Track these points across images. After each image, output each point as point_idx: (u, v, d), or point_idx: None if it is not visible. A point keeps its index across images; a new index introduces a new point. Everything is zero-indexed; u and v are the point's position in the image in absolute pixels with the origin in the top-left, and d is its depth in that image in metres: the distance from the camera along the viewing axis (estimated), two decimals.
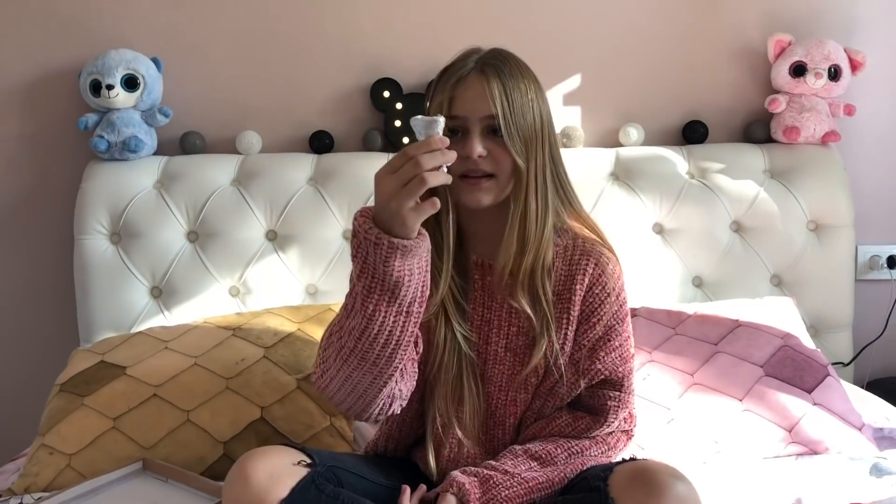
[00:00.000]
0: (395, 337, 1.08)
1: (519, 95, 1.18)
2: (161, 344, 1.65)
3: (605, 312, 1.24)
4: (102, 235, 1.96)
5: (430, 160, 1.01)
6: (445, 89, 1.18)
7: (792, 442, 1.50)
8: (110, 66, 1.97)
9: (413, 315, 1.08)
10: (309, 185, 1.99)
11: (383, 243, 1.02)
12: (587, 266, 1.24)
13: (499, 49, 1.24)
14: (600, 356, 1.24)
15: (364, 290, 1.06)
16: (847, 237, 2.00)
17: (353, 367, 1.11)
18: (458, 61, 1.21)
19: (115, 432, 1.48)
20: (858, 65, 2.04)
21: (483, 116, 1.17)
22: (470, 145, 1.17)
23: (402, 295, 1.06)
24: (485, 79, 1.17)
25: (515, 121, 1.17)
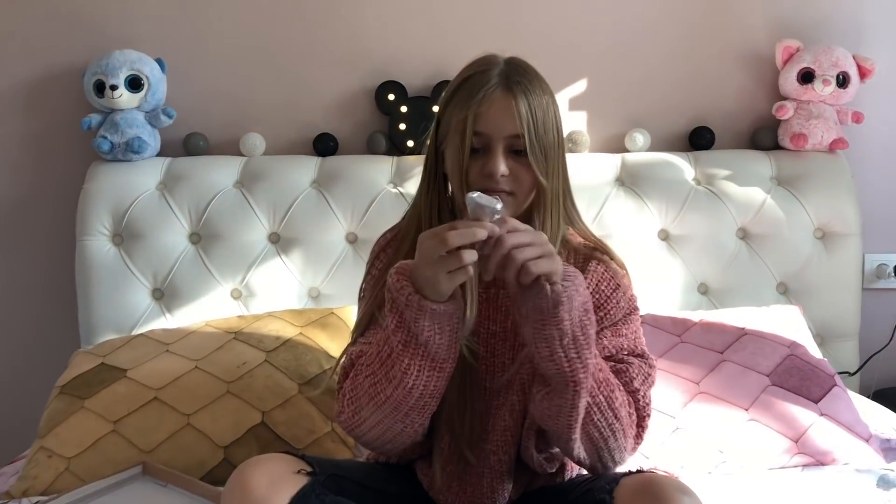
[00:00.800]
0: (430, 390, 1.09)
1: (542, 112, 1.17)
2: (162, 347, 1.64)
3: (614, 307, 1.22)
4: (105, 237, 1.95)
5: (469, 252, 1.02)
6: (470, 105, 1.15)
7: (798, 453, 1.49)
8: (114, 67, 1.96)
9: (445, 371, 1.09)
10: (312, 187, 1.98)
11: (413, 304, 1.05)
12: (591, 267, 1.23)
13: (518, 60, 1.22)
14: (606, 335, 1.21)
15: (400, 344, 1.08)
16: (854, 245, 1.99)
17: (387, 415, 1.12)
18: (479, 74, 1.18)
19: (115, 436, 1.46)
20: (867, 72, 2.02)
21: (508, 135, 1.16)
22: (493, 164, 1.15)
23: (434, 352, 1.07)
24: (511, 96, 1.15)
25: (539, 139, 1.16)
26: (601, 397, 1.12)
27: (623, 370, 1.18)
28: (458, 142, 1.16)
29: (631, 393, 1.18)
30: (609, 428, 1.14)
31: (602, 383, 1.13)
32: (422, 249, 1.04)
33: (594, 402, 1.12)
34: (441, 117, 1.22)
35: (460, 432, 1.22)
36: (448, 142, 1.20)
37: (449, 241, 1.01)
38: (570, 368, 1.07)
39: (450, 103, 1.19)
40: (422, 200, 1.25)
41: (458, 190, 1.18)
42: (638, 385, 1.19)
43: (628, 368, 1.19)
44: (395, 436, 1.15)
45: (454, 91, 1.20)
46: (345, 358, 1.22)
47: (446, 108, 1.20)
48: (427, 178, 1.25)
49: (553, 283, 1.04)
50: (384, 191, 1.97)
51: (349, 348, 1.23)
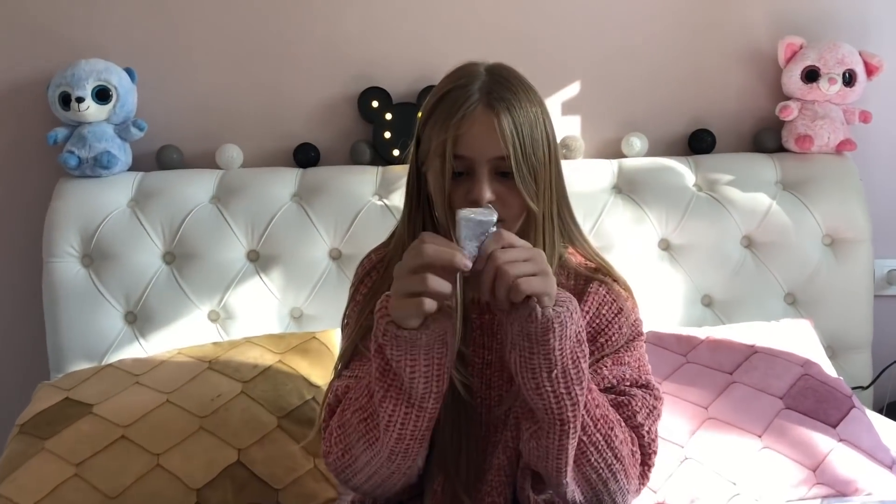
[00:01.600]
0: (409, 431, 1.00)
1: (529, 128, 1.06)
2: (131, 378, 1.54)
3: (616, 332, 1.12)
4: (73, 258, 1.86)
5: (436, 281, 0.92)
6: (448, 126, 1.05)
7: (817, 483, 1.40)
8: (80, 78, 1.87)
9: (426, 412, 0.99)
10: (293, 201, 1.89)
11: (382, 329, 0.96)
12: (592, 289, 1.14)
13: (501, 69, 1.11)
14: (607, 364, 1.12)
15: (377, 371, 0.99)
16: (865, 252, 1.90)
17: (375, 454, 1.03)
18: (458, 88, 1.07)
19: (77, 480, 1.36)
20: (874, 69, 1.94)
21: (492, 158, 1.06)
22: (478, 190, 1.05)
23: (410, 389, 0.97)
24: (494, 115, 1.05)
25: (527, 160, 1.06)
26: (598, 436, 1.03)
27: (625, 403, 1.09)
28: (439, 166, 1.06)
29: (634, 428, 1.09)
30: (608, 469, 1.05)
31: (599, 420, 1.04)
32: (397, 267, 0.94)
33: (590, 441, 1.03)
34: (421, 135, 1.12)
35: (455, 473, 1.13)
36: (429, 163, 1.10)
37: (425, 253, 0.92)
38: (557, 406, 0.98)
39: (428, 121, 1.10)
40: (406, 223, 1.15)
41: (442, 214, 1.09)
42: (642, 420, 1.10)
43: (631, 401, 1.09)
44: (384, 479, 1.06)
45: (433, 108, 1.09)
46: (330, 395, 1.12)
47: (425, 125, 1.10)
48: (410, 199, 1.16)
49: (544, 306, 0.94)
50: (369, 203, 1.88)
51: (334, 383, 1.14)
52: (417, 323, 0.94)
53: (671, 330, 1.69)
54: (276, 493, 1.39)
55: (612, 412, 1.06)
